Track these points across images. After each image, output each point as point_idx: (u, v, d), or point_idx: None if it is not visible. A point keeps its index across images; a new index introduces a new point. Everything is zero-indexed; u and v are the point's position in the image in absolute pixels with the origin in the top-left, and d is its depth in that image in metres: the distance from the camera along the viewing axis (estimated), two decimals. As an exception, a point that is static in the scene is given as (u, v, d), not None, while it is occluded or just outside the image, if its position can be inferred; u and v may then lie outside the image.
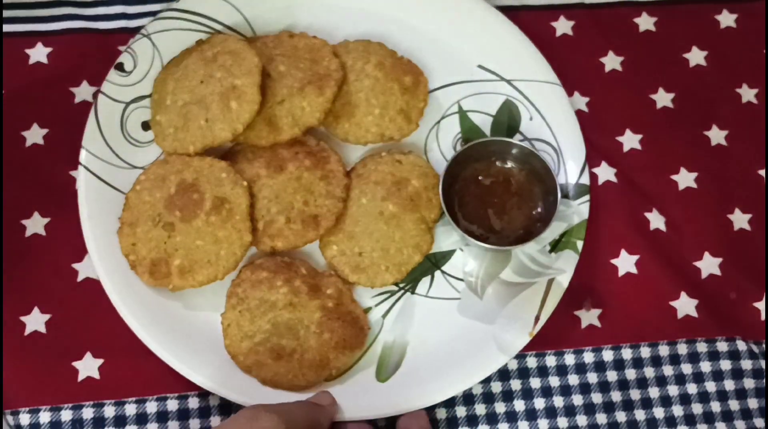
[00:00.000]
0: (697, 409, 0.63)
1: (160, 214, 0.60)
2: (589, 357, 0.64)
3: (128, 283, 0.60)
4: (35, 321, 0.61)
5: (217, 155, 0.63)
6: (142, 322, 0.59)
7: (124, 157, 0.64)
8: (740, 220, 0.69)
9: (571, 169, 0.67)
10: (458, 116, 0.69)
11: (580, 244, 0.64)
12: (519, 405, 0.62)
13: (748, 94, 0.74)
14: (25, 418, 0.58)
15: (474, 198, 0.65)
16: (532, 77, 0.69)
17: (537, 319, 0.62)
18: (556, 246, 0.65)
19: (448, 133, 0.69)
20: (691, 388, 0.64)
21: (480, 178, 0.65)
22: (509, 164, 0.66)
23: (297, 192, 0.62)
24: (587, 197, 0.66)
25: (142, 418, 0.59)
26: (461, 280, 0.64)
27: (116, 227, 0.61)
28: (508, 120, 0.69)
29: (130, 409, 0.59)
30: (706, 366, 0.64)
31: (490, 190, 0.65)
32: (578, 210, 0.66)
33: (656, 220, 0.68)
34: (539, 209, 0.65)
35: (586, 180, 0.66)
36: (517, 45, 0.70)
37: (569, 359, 0.64)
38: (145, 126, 0.65)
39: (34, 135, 0.66)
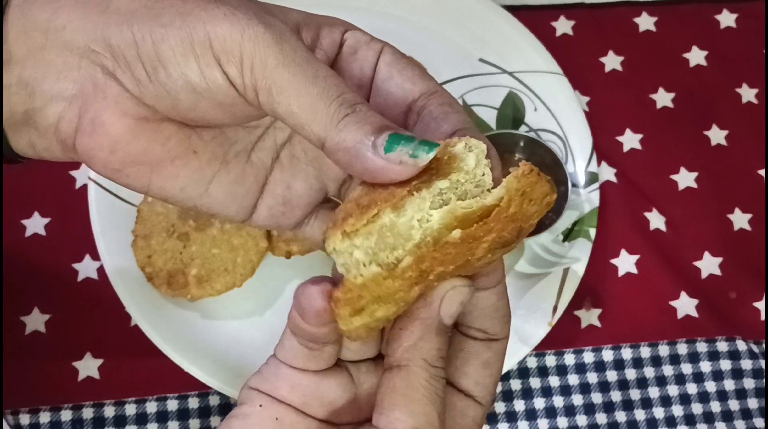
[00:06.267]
0: (697, 409, 0.63)
1: (174, 225, 0.60)
2: (588, 357, 0.64)
3: (146, 295, 0.59)
4: (35, 321, 0.61)
5: None
6: (161, 333, 0.59)
7: None
8: (740, 220, 0.69)
9: (579, 158, 0.67)
10: None
11: (592, 231, 0.64)
12: (519, 405, 0.62)
13: (748, 94, 0.74)
14: (25, 418, 0.58)
15: None
16: (534, 68, 0.70)
17: (555, 308, 0.62)
18: (569, 235, 0.65)
19: (455, 129, 0.69)
20: (691, 388, 0.64)
21: None
22: (517, 156, 0.66)
23: None
24: (597, 185, 0.66)
25: (142, 418, 0.59)
26: None
27: (130, 240, 0.61)
28: (512, 112, 0.69)
29: (130, 409, 0.59)
30: (706, 366, 0.64)
31: None
32: (589, 198, 0.66)
33: (656, 220, 0.68)
34: None
35: (594, 168, 0.67)
36: (517, 37, 0.70)
37: (569, 359, 0.64)
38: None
39: (34, 135, 0.66)
